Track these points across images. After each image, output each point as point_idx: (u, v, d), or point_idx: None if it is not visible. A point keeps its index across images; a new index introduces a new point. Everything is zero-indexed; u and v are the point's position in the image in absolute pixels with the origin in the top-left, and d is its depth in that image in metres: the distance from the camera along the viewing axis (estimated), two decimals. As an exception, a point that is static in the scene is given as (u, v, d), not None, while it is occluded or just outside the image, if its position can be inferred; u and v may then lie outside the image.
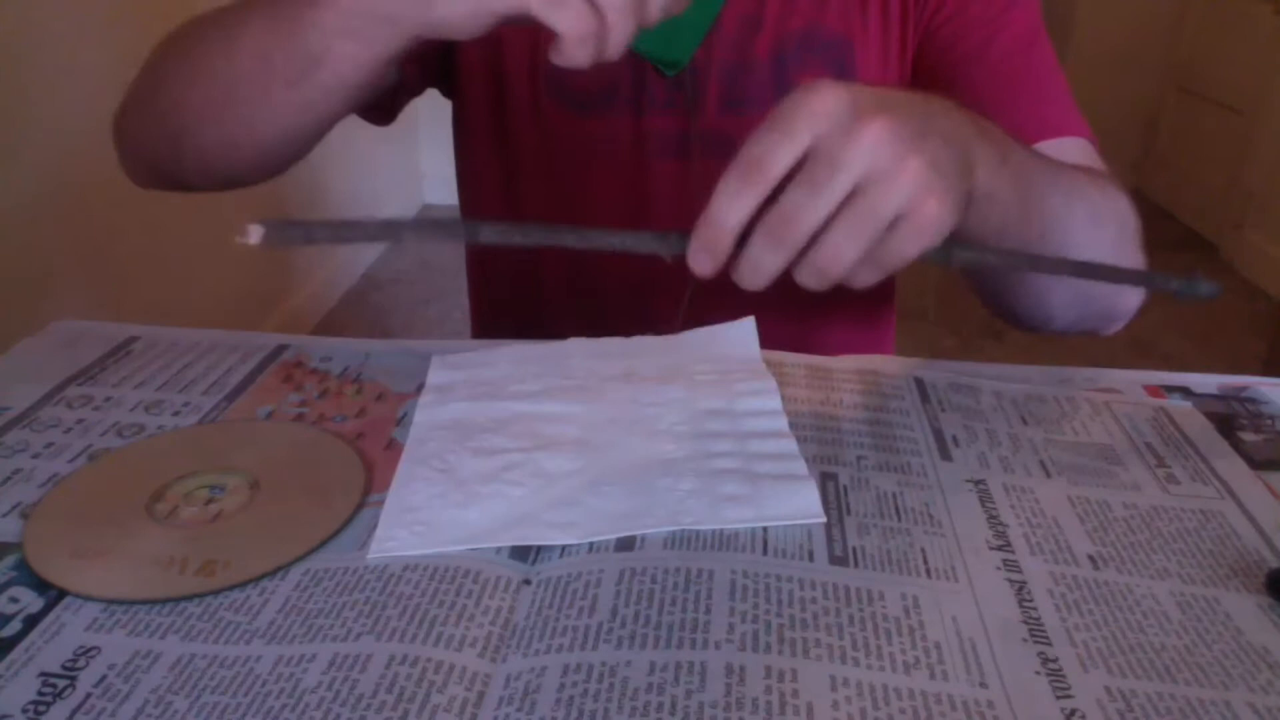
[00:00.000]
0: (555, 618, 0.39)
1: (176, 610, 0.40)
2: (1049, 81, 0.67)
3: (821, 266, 0.39)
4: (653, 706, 0.35)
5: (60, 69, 1.41)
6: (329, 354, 0.60)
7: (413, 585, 0.41)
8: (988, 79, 0.49)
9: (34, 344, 0.61)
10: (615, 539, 0.44)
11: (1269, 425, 0.56)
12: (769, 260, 0.39)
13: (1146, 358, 2.20)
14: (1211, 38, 3.02)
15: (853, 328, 0.78)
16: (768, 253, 0.39)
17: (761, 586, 0.41)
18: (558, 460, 0.49)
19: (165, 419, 0.53)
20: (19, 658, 0.37)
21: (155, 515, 0.45)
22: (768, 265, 0.39)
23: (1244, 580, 0.43)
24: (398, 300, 2.50)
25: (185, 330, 0.63)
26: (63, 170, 1.41)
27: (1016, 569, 0.43)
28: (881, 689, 0.36)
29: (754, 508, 0.46)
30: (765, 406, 0.54)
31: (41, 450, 0.50)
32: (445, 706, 0.35)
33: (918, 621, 0.40)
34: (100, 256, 1.54)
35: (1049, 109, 0.65)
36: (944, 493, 0.48)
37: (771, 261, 0.39)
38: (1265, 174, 2.70)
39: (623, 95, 0.68)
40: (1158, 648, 0.39)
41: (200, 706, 0.35)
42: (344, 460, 0.50)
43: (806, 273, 0.40)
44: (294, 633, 0.39)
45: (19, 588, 0.41)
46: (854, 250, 0.39)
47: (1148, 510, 0.48)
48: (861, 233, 0.38)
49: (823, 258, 0.39)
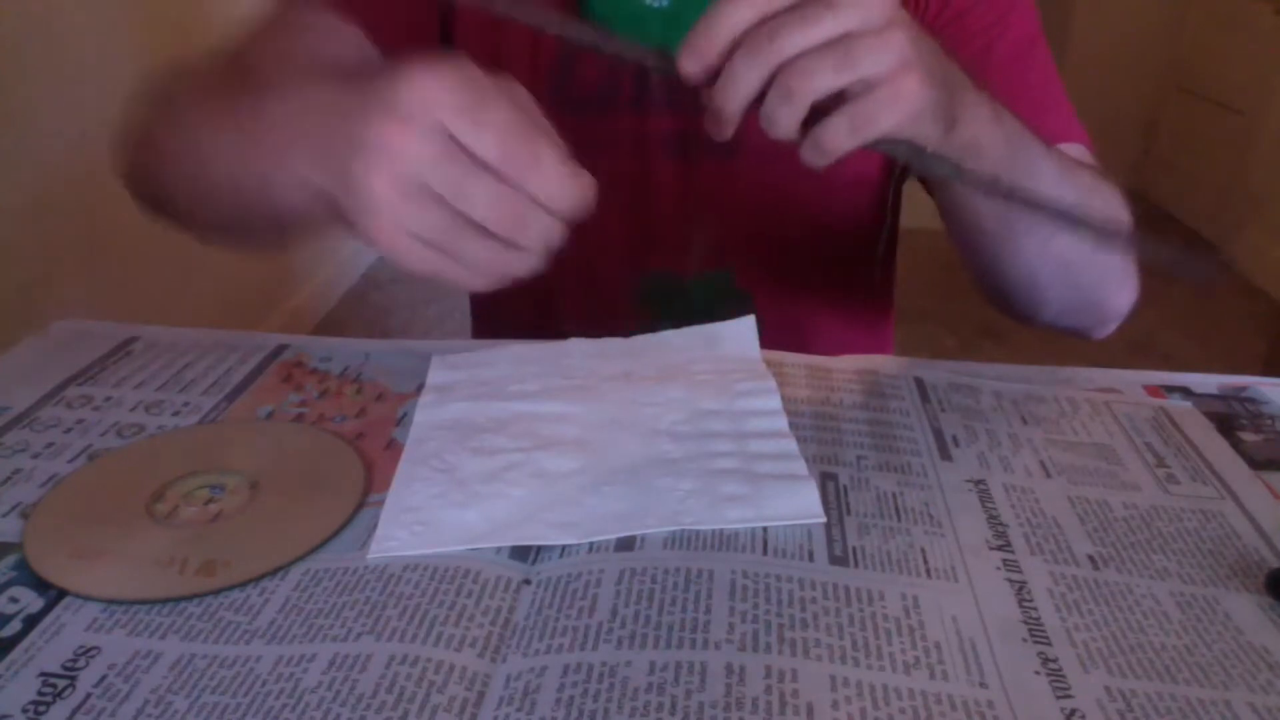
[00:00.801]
0: (555, 618, 0.39)
1: (176, 610, 0.40)
2: (1047, 89, 0.67)
3: (791, 86, 0.40)
4: (653, 706, 0.35)
5: (61, 69, 1.41)
6: (329, 354, 0.60)
7: (413, 585, 0.41)
8: (986, 87, 0.50)
9: (34, 344, 0.61)
10: (615, 539, 0.44)
11: (1269, 425, 0.56)
12: (743, 72, 0.41)
13: (1146, 358, 2.20)
14: (1211, 38, 3.02)
15: (852, 327, 0.78)
16: (743, 64, 0.41)
17: (761, 586, 0.41)
18: (558, 460, 0.49)
19: (165, 419, 0.53)
20: (19, 658, 0.37)
21: (155, 515, 0.45)
22: (742, 77, 0.41)
23: (1244, 580, 0.43)
24: (398, 300, 2.50)
25: (185, 330, 0.63)
26: (63, 170, 1.41)
27: (1016, 569, 0.43)
28: (881, 689, 0.36)
29: (754, 508, 0.46)
30: (765, 406, 0.54)
31: (41, 450, 0.50)
32: (445, 706, 0.35)
33: (918, 621, 0.40)
34: (100, 256, 1.54)
35: (1047, 116, 0.65)
36: (944, 493, 0.48)
37: (745, 73, 0.41)
38: (1266, 174, 2.70)
39: (624, 95, 0.68)
40: (1158, 648, 0.39)
41: (200, 706, 0.35)
42: (344, 460, 0.50)
43: (776, 95, 0.41)
44: (294, 633, 0.39)
45: (19, 588, 0.41)
46: (825, 78, 0.40)
47: (1148, 510, 0.48)
48: (837, 66, 0.40)
49: (794, 75, 0.40)
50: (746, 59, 0.41)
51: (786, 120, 0.41)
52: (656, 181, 0.69)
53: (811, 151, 0.43)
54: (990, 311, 0.68)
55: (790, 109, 0.41)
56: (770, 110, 0.41)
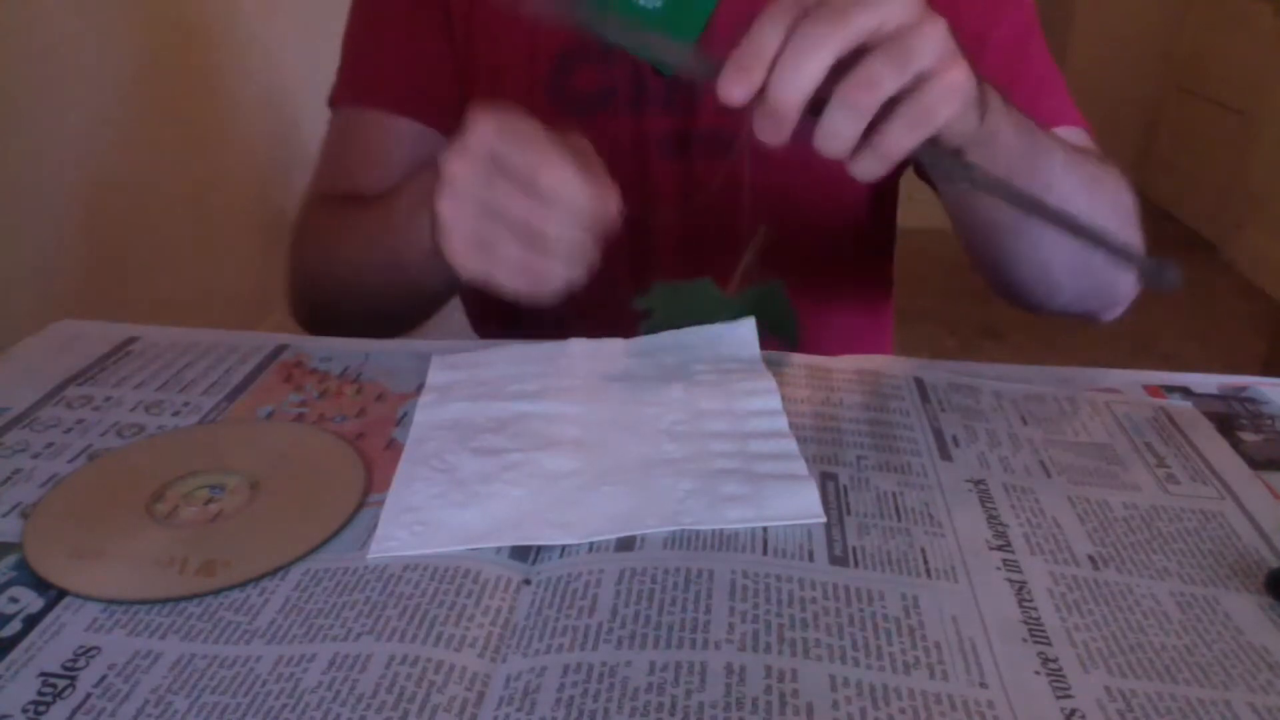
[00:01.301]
0: (555, 618, 0.39)
1: (176, 610, 0.40)
2: (1045, 75, 0.67)
3: (855, 98, 0.40)
4: (653, 706, 0.35)
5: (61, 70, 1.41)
6: (329, 354, 0.60)
7: (413, 585, 0.41)
8: (984, 72, 0.50)
9: (34, 344, 0.61)
10: (615, 539, 0.44)
11: (1269, 425, 0.56)
12: (803, 64, 0.40)
13: (1146, 358, 2.19)
14: (1211, 38, 3.02)
15: (852, 327, 0.78)
16: (798, 57, 0.40)
17: (761, 586, 0.41)
18: (558, 460, 0.49)
19: (165, 419, 0.53)
20: (19, 658, 0.37)
21: (155, 515, 0.45)
22: (803, 69, 0.40)
23: (1244, 580, 0.43)
24: (398, 300, 2.49)
25: (185, 330, 0.63)
26: (63, 170, 1.41)
27: (1016, 569, 0.43)
28: (881, 689, 0.36)
29: (754, 508, 0.46)
30: (765, 406, 0.54)
31: (41, 450, 0.50)
32: (445, 706, 0.35)
33: (918, 621, 0.40)
34: (100, 256, 1.54)
35: (1046, 101, 0.66)
36: (944, 493, 0.48)
37: (794, 75, 0.40)
38: (1265, 174, 2.70)
39: (621, 96, 0.68)
40: (1158, 648, 0.39)
41: (200, 706, 0.35)
42: (344, 460, 0.50)
43: (841, 111, 0.41)
44: (294, 633, 0.39)
45: (19, 588, 0.41)
46: (888, 82, 0.40)
47: (1148, 510, 0.48)
48: (897, 67, 0.40)
49: (855, 89, 0.40)
50: (800, 52, 0.40)
51: (851, 132, 0.41)
52: (657, 182, 0.69)
53: (871, 159, 0.42)
54: (990, 311, 0.68)
55: (857, 121, 0.41)
56: (834, 126, 0.41)
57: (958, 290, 2.46)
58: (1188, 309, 2.44)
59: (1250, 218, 2.75)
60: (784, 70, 0.40)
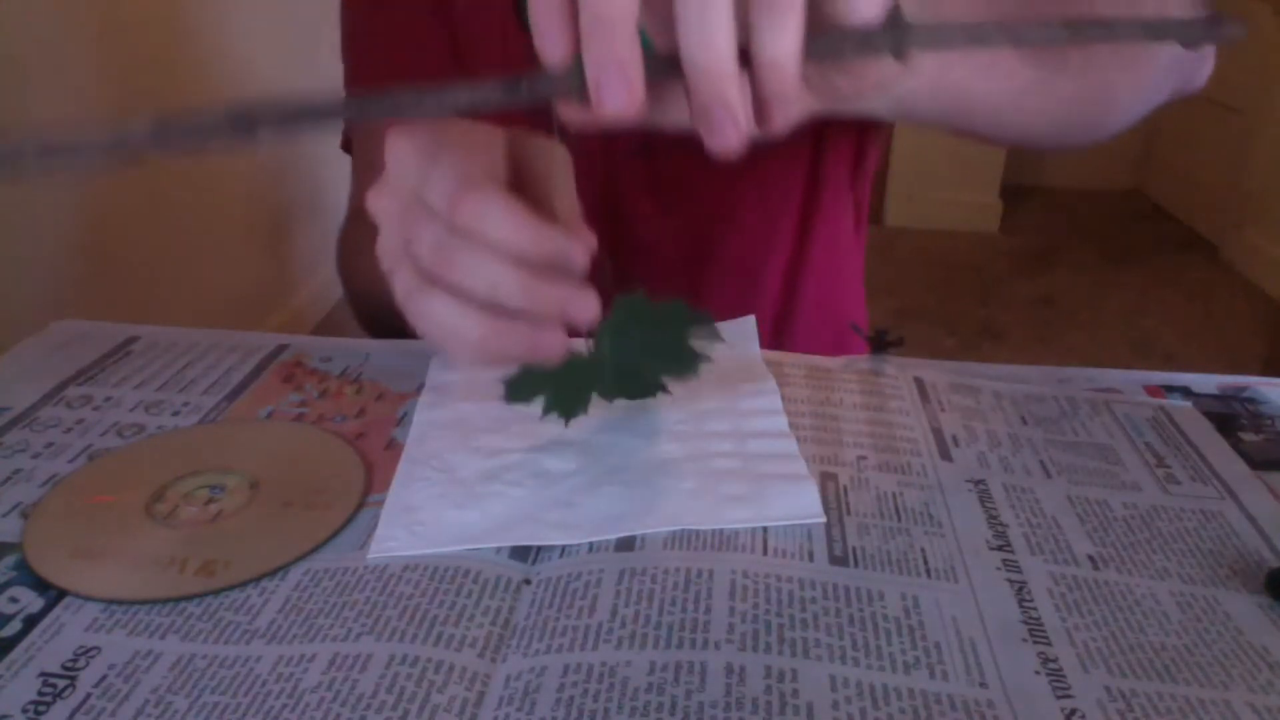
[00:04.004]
0: (555, 618, 0.39)
1: (176, 610, 0.40)
2: None
3: (771, 85, 0.31)
4: (653, 706, 0.35)
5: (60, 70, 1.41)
6: (329, 354, 0.60)
7: (413, 585, 0.41)
8: None
9: (34, 344, 0.61)
10: (615, 539, 0.44)
11: (1269, 425, 0.56)
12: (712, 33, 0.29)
13: (1146, 358, 2.19)
14: (1211, 38, 3.02)
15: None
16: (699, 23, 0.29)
17: (761, 586, 0.41)
18: (557, 460, 0.49)
19: (165, 419, 0.53)
20: (19, 658, 0.37)
21: (155, 515, 0.45)
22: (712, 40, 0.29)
23: (1244, 580, 0.43)
24: (398, 300, 2.49)
25: (185, 330, 0.63)
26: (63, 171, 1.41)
27: (1016, 569, 0.43)
28: (881, 689, 0.36)
29: (754, 508, 0.46)
30: (765, 406, 0.54)
31: (41, 450, 0.50)
32: (445, 706, 0.35)
33: (917, 621, 0.40)
34: (100, 256, 1.54)
35: None
36: (944, 493, 0.48)
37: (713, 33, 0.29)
38: (1265, 174, 2.70)
39: None
40: (1158, 648, 0.39)
41: (200, 706, 0.35)
42: (344, 460, 0.50)
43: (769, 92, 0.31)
44: (294, 633, 0.39)
45: (19, 588, 0.41)
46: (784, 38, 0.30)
47: (1148, 510, 0.48)
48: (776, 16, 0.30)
49: (767, 76, 0.31)
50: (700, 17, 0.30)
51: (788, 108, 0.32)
52: (624, 181, 0.70)
53: (770, 106, 0.32)
54: (990, 311, 0.68)
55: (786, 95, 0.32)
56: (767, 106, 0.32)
57: (958, 290, 2.47)
58: (1187, 309, 2.45)
59: (1250, 218, 2.75)
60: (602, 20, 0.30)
